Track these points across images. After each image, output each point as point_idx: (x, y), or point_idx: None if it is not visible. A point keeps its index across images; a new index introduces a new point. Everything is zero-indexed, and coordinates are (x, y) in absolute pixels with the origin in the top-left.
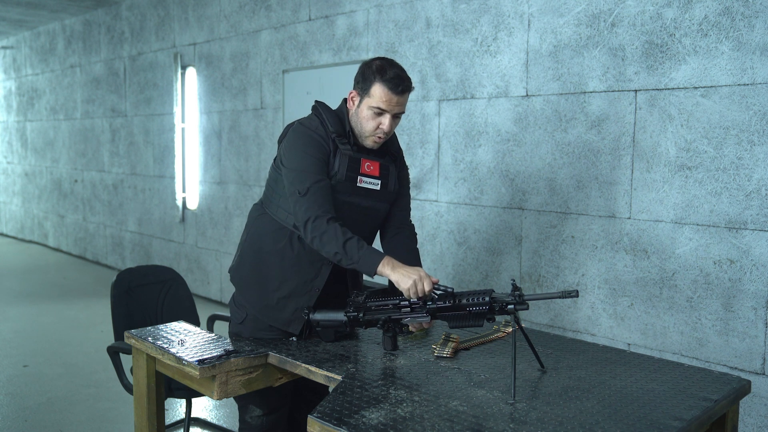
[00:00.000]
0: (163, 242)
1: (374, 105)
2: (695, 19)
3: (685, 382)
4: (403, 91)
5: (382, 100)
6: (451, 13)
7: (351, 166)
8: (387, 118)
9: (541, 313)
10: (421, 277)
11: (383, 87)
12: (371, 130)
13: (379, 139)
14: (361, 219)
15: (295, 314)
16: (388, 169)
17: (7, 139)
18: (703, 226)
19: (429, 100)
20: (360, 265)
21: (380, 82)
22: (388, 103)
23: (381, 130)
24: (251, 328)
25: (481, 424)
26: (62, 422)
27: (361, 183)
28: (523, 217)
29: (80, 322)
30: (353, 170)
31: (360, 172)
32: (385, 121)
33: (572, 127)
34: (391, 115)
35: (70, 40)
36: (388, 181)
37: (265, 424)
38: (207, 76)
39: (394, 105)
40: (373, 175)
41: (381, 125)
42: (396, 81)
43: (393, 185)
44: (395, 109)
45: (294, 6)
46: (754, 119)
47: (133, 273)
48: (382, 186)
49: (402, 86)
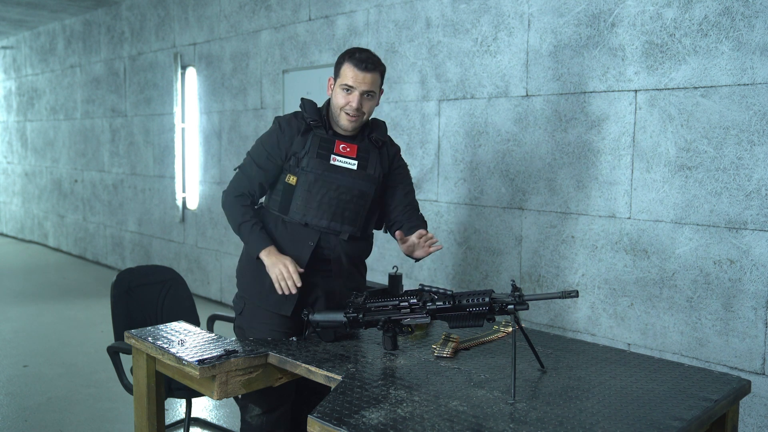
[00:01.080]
0: (163, 242)
1: (343, 83)
2: (695, 19)
3: (685, 382)
4: (368, 69)
5: (350, 77)
6: (451, 13)
7: (323, 145)
8: (355, 95)
9: (541, 313)
10: (285, 264)
11: (350, 65)
12: (342, 105)
13: (350, 117)
14: (337, 198)
15: (287, 296)
16: (368, 152)
17: (7, 139)
18: (703, 226)
19: (429, 100)
20: (248, 247)
21: (348, 61)
22: (354, 79)
23: (350, 107)
24: (249, 318)
25: (481, 424)
26: (62, 422)
27: (335, 161)
28: (523, 217)
29: (80, 322)
30: (325, 149)
31: (334, 152)
32: (353, 98)
33: (572, 127)
34: (359, 92)
35: (70, 40)
36: (367, 163)
37: (265, 423)
38: (207, 76)
39: (360, 82)
40: (349, 156)
41: (350, 102)
42: (361, 60)
43: (375, 170)
44: (362, 87)
45: (294, 6)
46: (754, 119)
47: (133, 273)
48: (360, 167)
49: (367, 64)
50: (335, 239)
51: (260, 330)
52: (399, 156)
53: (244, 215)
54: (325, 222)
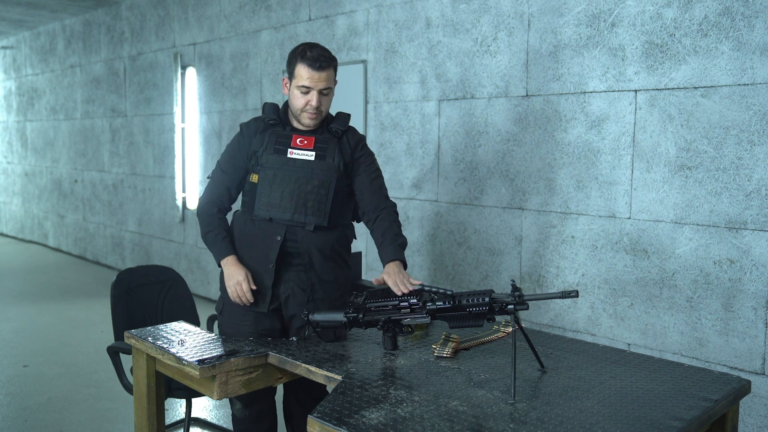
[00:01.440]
0: (163, 242)
1: (300, 84)
2: (695, 19)
3: (685, 382)
4: (322, 68)
5: (305, 78)
6: (451, 13)
7: (280, 140)
8: (314, 95)
9: (541, 313)
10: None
11: (304, 66)
12: (301, 106)
13: (311, 115)
14: (298, 189)
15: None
16: (326, 143)
17: (7, 139)
18: (703, 226)
19: (429, 100)
20: (213, 254)
21: (301, 62)
22: (310, 79)
23: (310, 106)
24: (229, 317)
25: (481, 424)
26: (62, 422)
27: (292, 155)
28: (523, 217)
29: (80, 322)
30: (282, 144)
31: (291, 145)
32: (312, 98)
33: (572, 127)
34: (317, 91)
35: (70, 40)
36: (325, 153)
37: (248, 416)
38: (207, 76)
39: (317, 81)
40: (306, 148)
41: (309, 102)
42: (314, 59)
43: (334, 159)
44: (319, 85)
45: (294, 6)
46: (754, 119)
47: (133, 273)
48: (318, 157)
49: (320, 63)
50: (302, 231)
51: (240, 327)
52: (364, 144)
53: (209, 225)
54: (289, 215)
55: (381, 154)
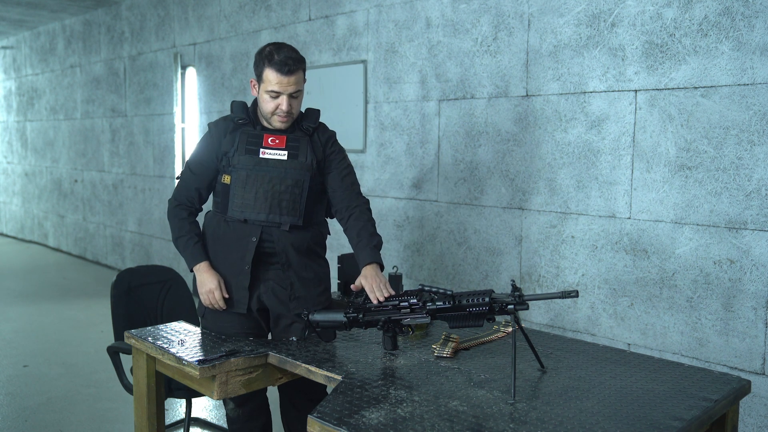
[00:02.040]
0: (163, 242)
1: (269, 89)
2: (695, 19)
3: (685, 382)
4: (290, 72)
5: (274, 83)
6: (451, 13)
7: (251, 140)
8: (283, 99)
9: (541, 313)
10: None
11: (272, 71)
12: (271, 110)
13: (282, 119)
14: (272, 189)
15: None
16: (298, 141)
17: (7, 139)
18: (703, 226)
19: (429, 100)
20: (185, 259)
21: (269, 66)
22: (279, 84)
23: (281, 110)
24: (212, 320)
25: (481, 424)
26: (62, 422)
27: (264, 155)
28: (523, 217)
29: (80, 322)
30: (254, 144)
31: (263, 145)
32: (282, 102)
33: (572, 127)
34: (287, 95)
35: (70, 40)
36: (298, 152)
37: (241, 416)
38: (207, 76)
39: (286, 85)
40: (278, 147)
41: (279, 106)
42: (282, 63)
43: (307, 157)
44: (288, 89)
45: (294, 6)
46: (754, 119)
47: (133, 273)
48: (290, 156)
49: (288, 67)
50: (277, 231)
51: (225, 330)
52: (334, 141)
53: (180, 229)
54: (264, 215)
55: (381, 154)
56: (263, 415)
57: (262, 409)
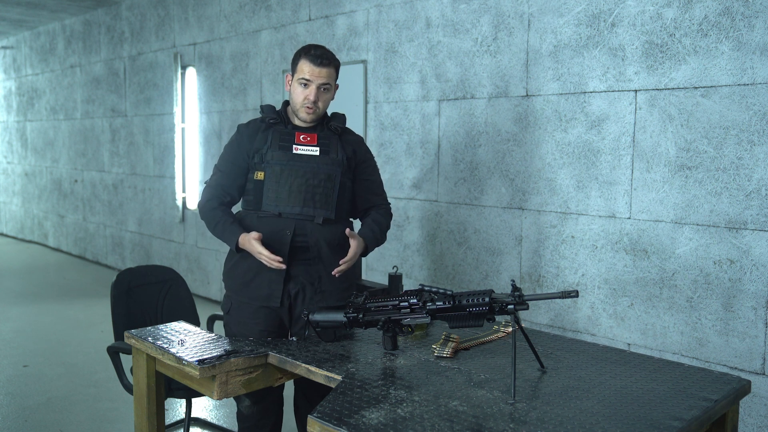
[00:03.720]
0: (163, 242)
1: (300, 77)
2: (695, 19)
3: (685, 382)
4: (323, 64)
5: (306, 72)
6: (451, 13)
7: (284, 138)
8: (312, 89)
9: (541, 313)
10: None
11: (306, 61)
12: (301, 100)
13: (309, 109)
14: (306, 183)
15: (271, 287)
16: (329, 139)
17: (7, 139)
18: (703, 226)
19: (429, 100)
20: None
21: (304, 57)
22: (311, 73)
23: (308, 100)
24: (236, 316)
25: (481, 424)
26: (62, 422)
27: (297, 150)
28: (523, 217)
29: (80, 322)
30: (286, 141)
31: (295, 142)
32: (311, 92)
33: (572, 127)
34: (316, 86)
35: (70, 40)
36: (329, 149)
37: (255, 413)
38: (207, 76)
39: (317, 76)
40: (310, 144)
41: (308, 96)
42: (317, 55)
43: (338, 154)
44: (318, 80)
45: (294, 6)
46: (754, 119)
47: (133, 273)
48: (323, 153)
49: (321, 60)
50: (311, 225)
51: (248, 325)
52: (364, 146)
53: (214, 216)
54: (298, 208)
55: (381, 154)
56: (276, 413)
57: (276, 406)
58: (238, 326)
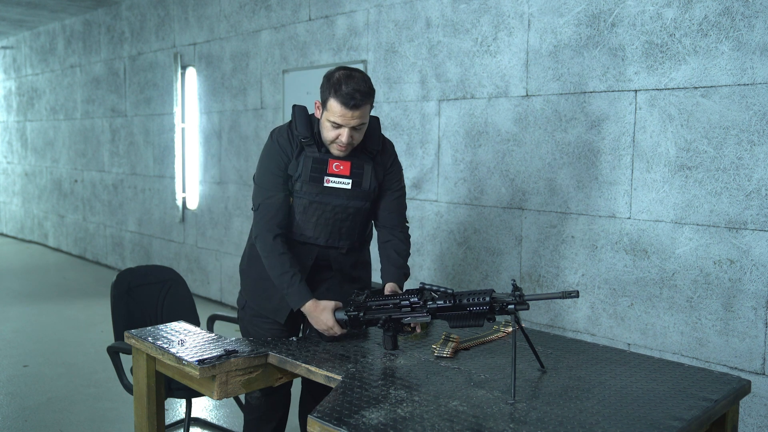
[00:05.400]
0: (163, 242)
1: (331, 119)
2: (695, 19)
3: (685, 382)
4: (355, 107)
5: (337, 115)
6: (451, 13)
7: (316, 167)
8: (345, 131)
9: (541, 313)
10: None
11: (337, 103)
12: (331, 139)
13: (341, 149)
14: (333, 218)
15: (281, 303)
16: (362, 168)
17: (7, 139)
18: (703, 226)
19: (429, 100)
20: (288, 298)
21: (334, 97)
22: (342, 117)
23: (341, 141)
24: (250, 315)
25: (481, 424)
26: (62, 422)
27: (329, 183)
28: (523, 217)
29: (80, 322)
30: (318, 171)
31: (327, 172)
32: (343, 134)
33: (572, 127)
34: (349, 128)
35: (70, 40)
36: (362, 180)
37: (263, 405)
38: (207, 76)
39: (349, 119)
40: (342, 174)
41: (340, 137)
42: (348, 97)
43: (369, 184)
44: (351, 123)
45: (294, 6)
46: (754, 119)
47: (133, 273)
48: (354, 185)
49: (354, 102)
50: (335, 252)
51: (259, 326)
52: (395, 161)
53: (282, 265)
54: (323, 240)
55: None
56: (284, 408)
57: (285, 400)
58: (250, 325)
